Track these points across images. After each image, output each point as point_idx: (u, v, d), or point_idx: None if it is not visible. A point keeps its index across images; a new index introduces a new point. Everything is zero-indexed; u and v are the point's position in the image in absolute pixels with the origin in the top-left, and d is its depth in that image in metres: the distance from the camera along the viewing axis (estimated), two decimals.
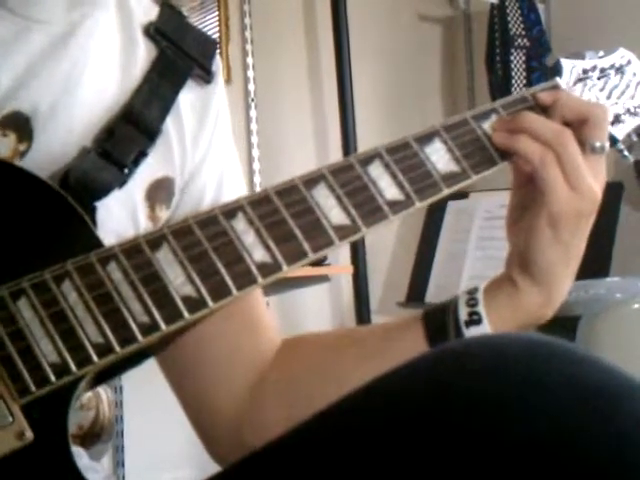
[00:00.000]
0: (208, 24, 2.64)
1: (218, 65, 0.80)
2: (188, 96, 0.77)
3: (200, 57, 0.77)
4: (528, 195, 0.72)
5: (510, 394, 0.54)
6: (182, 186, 0.78)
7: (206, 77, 0.78)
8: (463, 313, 0.72)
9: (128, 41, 0.75)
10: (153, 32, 0.76)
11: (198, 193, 0.78)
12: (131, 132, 0.70)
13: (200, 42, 0.78)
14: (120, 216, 0.71)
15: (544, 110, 0.74)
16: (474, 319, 0.72)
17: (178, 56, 0.76)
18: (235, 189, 0.81)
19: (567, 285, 0.74)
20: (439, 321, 0.74)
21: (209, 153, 0.79)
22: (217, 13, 2.66)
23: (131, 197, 0.72)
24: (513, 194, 0.75)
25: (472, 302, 0.73)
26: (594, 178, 0.71)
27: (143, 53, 0.75)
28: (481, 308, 0.72)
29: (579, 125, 0.72)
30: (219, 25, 2.66)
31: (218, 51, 0.81)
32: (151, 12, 0.78)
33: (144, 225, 0.74)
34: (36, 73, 0.68)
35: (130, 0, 0.77)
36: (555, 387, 0.53)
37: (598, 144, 0.71)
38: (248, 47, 2.73)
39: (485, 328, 0.72)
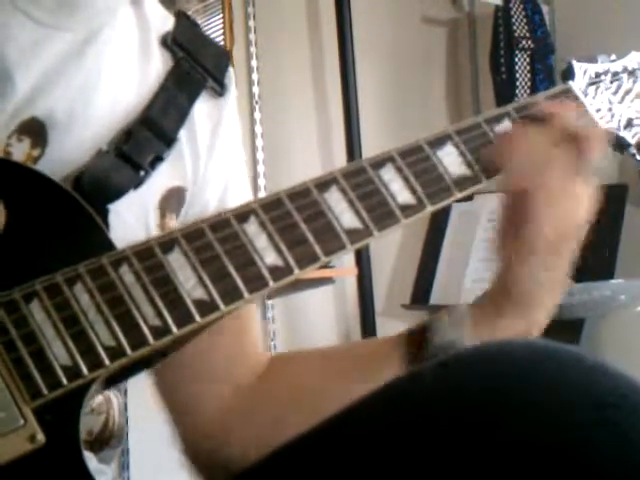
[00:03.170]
0: (212, 27, 2.64)
1: (231, 77, 0.81)
2: (201, 108, 0.77)
3: (214, 70, 0.78)
4: (514, 217, 0.70)
5: (518, 400, 0.54)
6: (193, 195, 0.78)
7: (219, 89, 0.79)
8: (447, 335, 0.71)
9: (145, 50, 0.76)
10: (170, 43, 0.76)
11: (204, 202, 0.79)
12: (149, 136, 0.71)
13: (214, 54, 0.79)
14: (132, 223, 0.71)
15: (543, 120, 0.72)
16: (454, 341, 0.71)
17: (193, 68, 0.76)
18: (239, 198, 0.80)
19: (551, 310, 0.72)
20: (422, 342, 0.72)
21: (219, 164, 0.80)
22: (221, 16, 2.66)
23: (144, 205, 0.73)
24: (502, 215, 0.72)
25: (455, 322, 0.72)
26: (580, 201, 0.69)
27: (159, 63, 0.76)
28: (463, 335, 0.71)
29: (579, 144, 0.70)
30: (223, 28, 2.66)
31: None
32: (167, 22, 0.79)
33: (154, 233, 0.74)
34: (53, 80, 0.68)
35: (146, 9, 0.78)
36: (566, 395, 0.53)
37: (592, 167, 0.70)
38: (252, 50, 2.73)
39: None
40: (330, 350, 0.87)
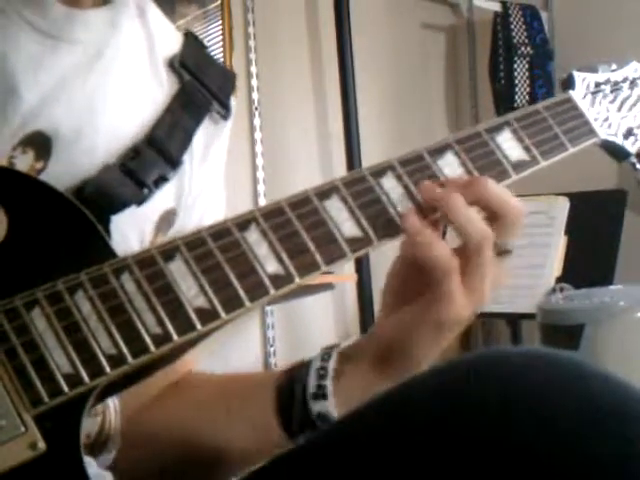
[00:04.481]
0: (212, 33, 2.64)
1: (232, 101, 0.80)
2: (202, 131, 0.77)
3: (220, 93, 0.78)
4: (414, 287, 0.67)
5: (516, 406, 0.54)
6: (180, 218, 0.78)
7: (223, 113, 0.78)
8: (312, 385, 0.70)
9: (151, 68, 0.76)
10: (178, 66, 0.76)
11: (185, 225, 0.78)
12: (154, 156, 0.71)
13: (221, 78, 0.79)
14: (130, 237, 0.71)
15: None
16: (319, 393, 0.69)
17: (199, 91, 0.76)
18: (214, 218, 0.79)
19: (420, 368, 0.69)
20: (289, 390, 0.71)
21: (203, 189, 0.80)
22: (221, 22, 2.66)
23: (144, 222, 0.73)
24: (396, 275, 0.69)
25: (322, 372, 0.70)
26: (491, 282, 0.65)
27: (165, 84, 0.76)
28: (329, 382, 0.69)
29: (493, 221, 0.65)
30: (223, 34, 2.66)
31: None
32: (175, 41, 0.79)
33: None
34: (60, 94, 0.68)
35: (151, 24, 0.78)
36: (565, 403, 0.53)
37: (510, 247, 0.66)
38: (252, 56, 2.73)
39: (330, 405, 0.69)
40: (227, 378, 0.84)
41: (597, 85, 0.78)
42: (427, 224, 0.65)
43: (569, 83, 0.77)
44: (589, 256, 2.38)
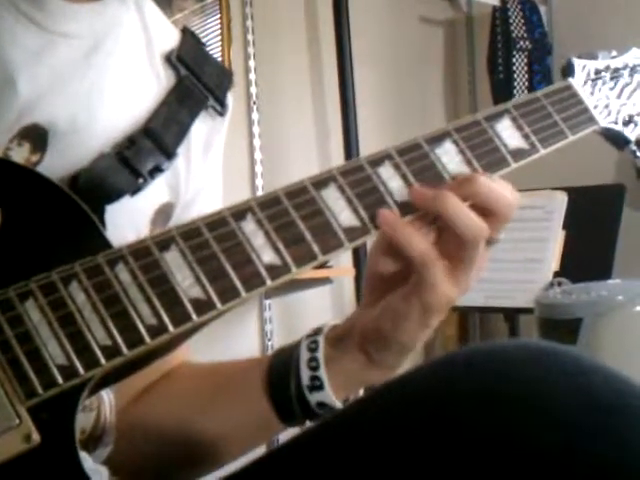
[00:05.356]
0: (210, 27, 2.64)
1: (229, 99, 0.81)
2: (199, 127, 0.77)
3: (216, 89, 0.78)
4: (399, 274, 0.67)
5: (514, 400, 0.54)
6: (178, 214, 0.78)
7: (219, 109, 0.78)
8: (305, 377, 0.70)
9: (149, 63, 0.76)
10: (175, 60, 0.76)
11: (182, 219, 0.78)
12: (150, 146, 0.71)
13: (218, 74, 0.79)
14: (127, 233, 0.71)
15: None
16: (316, 384, 0.70)
17: (196, 86, 0.76)
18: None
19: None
20: (282, 385, 0.72)
21: (203, 188, 0.80)
22: (219, 16, 2.66)
23: (139, 217, 0.73)
24: (376, 263, 0.69)
25: (313, 364, 0.70)
26: (478, 269, 0.66)
27: (162, 78, 0.76)
28: (322, 372, 0.70)
29: (485, 216, 0.65)
30: (221, 28, 2.66)
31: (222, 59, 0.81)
32: (172, 37, 0.79)
33: None
34: (59, 87, 0.68)
35: (147, 19, 0.78)
36: (564, 396, 0.53)
37: (502, 237, 0.67)
38: (250, 50, 2.72)
39: (328, 393, 0.69)
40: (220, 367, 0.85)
41: (597, 72, 0.77)
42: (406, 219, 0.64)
43: (569, 70, 0.76)
44: (587, 250, 2.37)
